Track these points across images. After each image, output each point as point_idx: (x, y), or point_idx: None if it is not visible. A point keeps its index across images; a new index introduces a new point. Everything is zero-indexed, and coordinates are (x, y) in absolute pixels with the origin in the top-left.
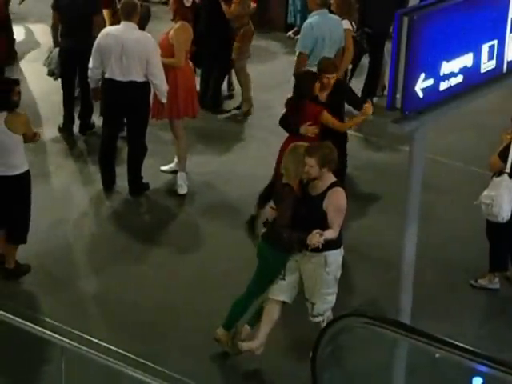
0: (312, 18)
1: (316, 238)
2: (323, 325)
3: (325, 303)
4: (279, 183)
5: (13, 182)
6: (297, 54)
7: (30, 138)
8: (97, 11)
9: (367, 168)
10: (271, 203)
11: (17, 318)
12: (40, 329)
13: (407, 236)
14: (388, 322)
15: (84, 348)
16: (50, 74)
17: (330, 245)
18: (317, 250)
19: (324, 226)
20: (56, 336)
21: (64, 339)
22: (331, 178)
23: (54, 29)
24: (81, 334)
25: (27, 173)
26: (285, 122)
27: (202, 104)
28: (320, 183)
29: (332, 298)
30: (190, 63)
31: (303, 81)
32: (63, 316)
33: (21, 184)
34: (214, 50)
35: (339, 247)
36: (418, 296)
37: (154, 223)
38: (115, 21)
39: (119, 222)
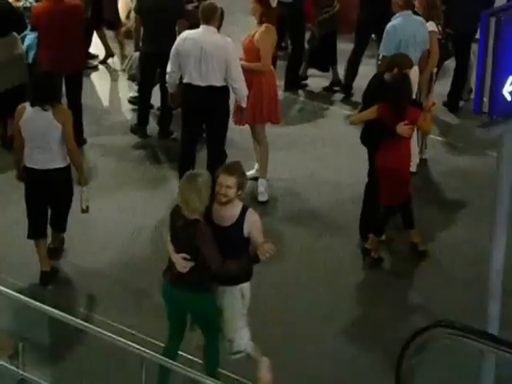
0: (395, 20)
1: (268, 246)
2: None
3: (242, 338)
4: (182, 223)
5: (59, 175)
6: (380, 57)
7: (70, 135)
8: (181, 15)
9: (453, 174)
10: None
11: (96, 328)
12: (120, 339)
13: (495, 244)
14: (475, 333)
15: (164, 358)
16: (131, 78)
17: (245, 276)
18: (233, 282)
19: (243, 252)
20: (136, 346)
21: (144, 349)
22: (240, 203)
23: (136, 33)
24: (161, 345)
25: (70, 166)
26: (369, 134)
27: None
28: (230, 209)
29: (247, 331)
30: (272, 68)
31: (405, 84)
32: (143, 326)
33: (66, 177)
34: None
35: (250, 278)
36: (508, 306)
37: None
38: None
39: None
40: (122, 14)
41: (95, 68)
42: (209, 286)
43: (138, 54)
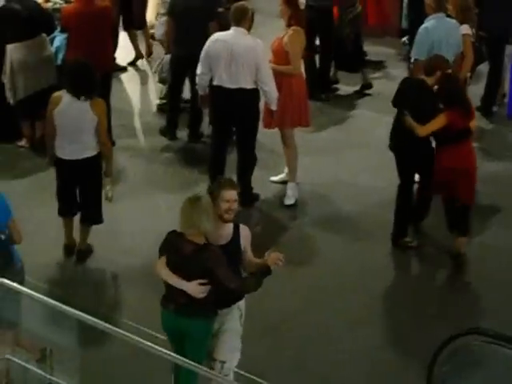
0: (428, 23)
1: (276, 255)
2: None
3: (234, 358)
4: (191, 248)
5: (89, 163)
6: (412, 60)
7: (105, 128)
8: (213, 17)
9: (486, 180)
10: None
11: (124, 332)
12: (148, 343)
13: None
14: (509, 340)
15: (192, 363)
16: (162, 81)
17: (241, 296)
18: (234, 302)
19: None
20: (165, 351)
21: (173, 354)
22: None
23: (168, 35)
24: None
25: (100, 155)
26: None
27: None
28: (227, 227)
29: (239, 353)
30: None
31: (458, 82)
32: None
33: (97, 164)
34: None
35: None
36: None
37: (263, 235)
38: None
39: None
40: (152, 15)
41: (124, 70)
42: (210, 310)
43: (168, 56)
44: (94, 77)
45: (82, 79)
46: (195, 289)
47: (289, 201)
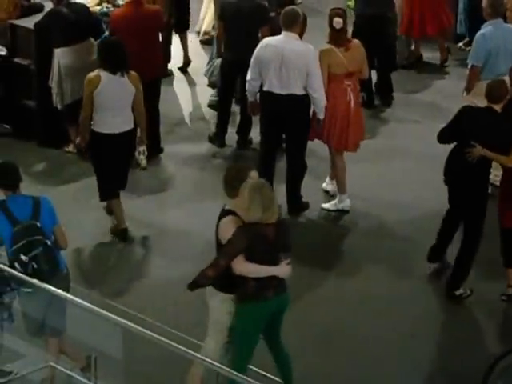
0: (485, 29)
1: None
2: None
3: None
4: (273, 230)
5: (129, 137)
6: (469, 66)
7: (141, 98)
8: (264, 23)
9: None
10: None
11: (169, 341)
12: (193, 353)
13: None
14: None
15: (238, 375)
16: (212, 85)
17: None
18: None
19: None
20: (209, 361)
21: (219, 365)
22: None
23: (219, 39)
24: None
25: (135, 128)
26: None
27: None
28: None
29: None
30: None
31: None
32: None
33: (132, 137)
34: None
35: None
36: None
37: (313, 244)
38: None
39: None
40: (210, 22)
41: (173, 74)
42: None
43: (219, 60)
44: (125, 52)
45: (117, 56)
46: (287, 270)
47: (328, 206)
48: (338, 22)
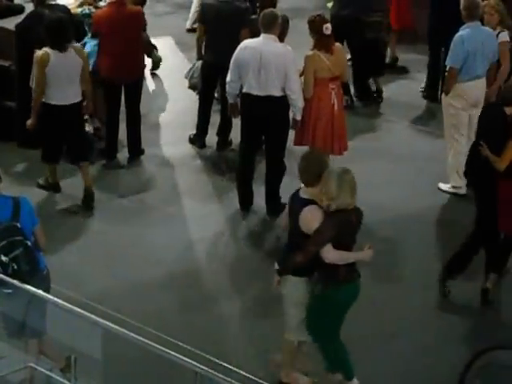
0: (463, 31)
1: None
2: None
3: None
4: (355, 216)
5: (79, 107)
6: (447, 68)
7: (88, 67)
8: (244, 25)
9: None
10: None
11: (149, 342)
12: (172, 353)
13: None
14: None
15: (219, 375)
16: (192, 87)
17: None
18: None
19: None
20: (189, 361)
21: (198, 365)
22: None
23: (199, 42)
24: (216, 360)
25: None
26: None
27: None
28: None
29: None
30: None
31: None
32: (197, 340)
33: (81, 107)
34: None
35: None
36: None
37: None
38: None
39: (256, 243)
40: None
41: (154, 76)
42: None
43: (200, 62)
44: (69, 26)
45: (62, 34)
46: (371, 254)
47: None
48: (327, 27)
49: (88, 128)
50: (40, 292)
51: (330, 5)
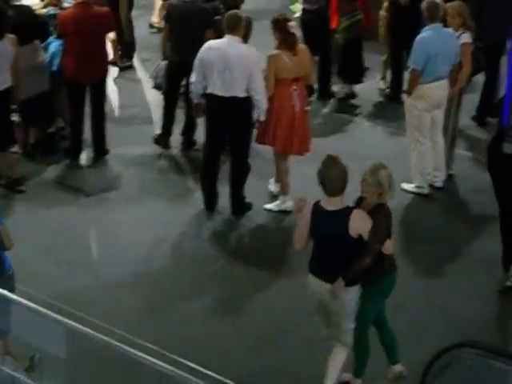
0: (425, 33)
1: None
2: None
3: None
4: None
5: (8, 94)
6: (409, 69)
7: (18, 58)
8: (209, 25)
9: (481, 189)
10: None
11: (115, 342)
12: (138, 353)
13: None
14: (501, 354)
15: (184, 374)
16: (157, 87)
17: None
18: None
19: None
20: (153, 360)
21: (164, 365)
22: None
23: (164, 42)
24: (181, 360)
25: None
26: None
27: None
28: None
29: None
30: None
31: None
32: (160, 339)
33: (6, 97)
34: None
35: None
36: None
37: (255, 245)
38: None
39: (220, 243)
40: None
41: (121, 75)
42: None
43: (164, 62)
44: (4, 18)
45: None
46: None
47: (271, 206)
48: (292, 25)
49: (13, 118)
50: (5, 292)
51: (293, 7)
